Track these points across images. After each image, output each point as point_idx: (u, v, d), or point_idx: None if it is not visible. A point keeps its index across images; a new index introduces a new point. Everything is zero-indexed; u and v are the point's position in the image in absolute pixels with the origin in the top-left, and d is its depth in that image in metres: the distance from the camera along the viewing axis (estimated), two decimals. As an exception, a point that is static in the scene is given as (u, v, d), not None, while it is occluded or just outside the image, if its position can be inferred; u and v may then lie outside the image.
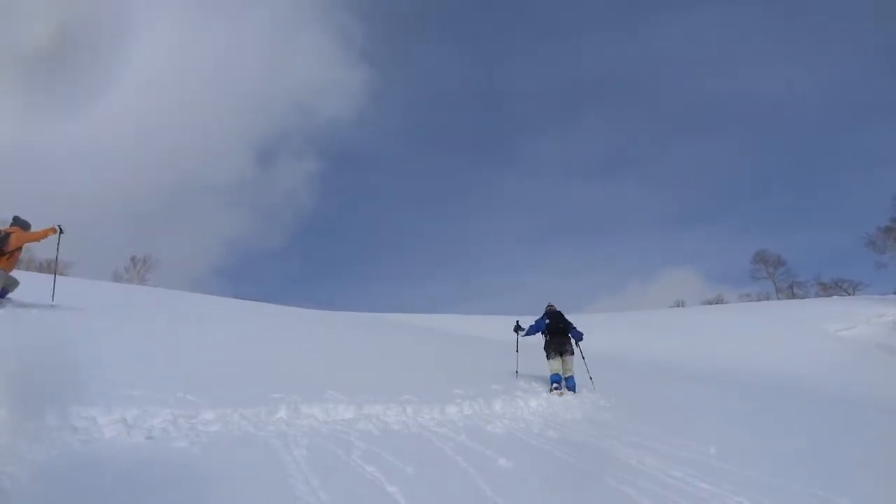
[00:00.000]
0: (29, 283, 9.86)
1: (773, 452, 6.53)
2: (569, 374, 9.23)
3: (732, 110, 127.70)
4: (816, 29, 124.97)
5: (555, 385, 8.99)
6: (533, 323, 10.02)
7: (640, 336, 28.95)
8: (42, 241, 9.37)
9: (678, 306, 64.39)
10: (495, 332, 25.94)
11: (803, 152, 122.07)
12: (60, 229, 9.49)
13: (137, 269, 59.34)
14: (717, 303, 66.17)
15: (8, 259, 8.88)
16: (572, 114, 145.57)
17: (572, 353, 9.50)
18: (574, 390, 9.05)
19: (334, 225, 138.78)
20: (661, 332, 30.15)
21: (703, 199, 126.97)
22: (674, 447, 6.00)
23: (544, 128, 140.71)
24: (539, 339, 10.09)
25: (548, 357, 9.55)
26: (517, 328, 10.50)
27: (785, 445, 7.20)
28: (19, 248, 9.04)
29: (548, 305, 10.20)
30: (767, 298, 64.54)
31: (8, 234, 8.90)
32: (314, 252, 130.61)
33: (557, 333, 9.59)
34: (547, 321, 9.80)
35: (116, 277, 56.02)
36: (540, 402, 7.92)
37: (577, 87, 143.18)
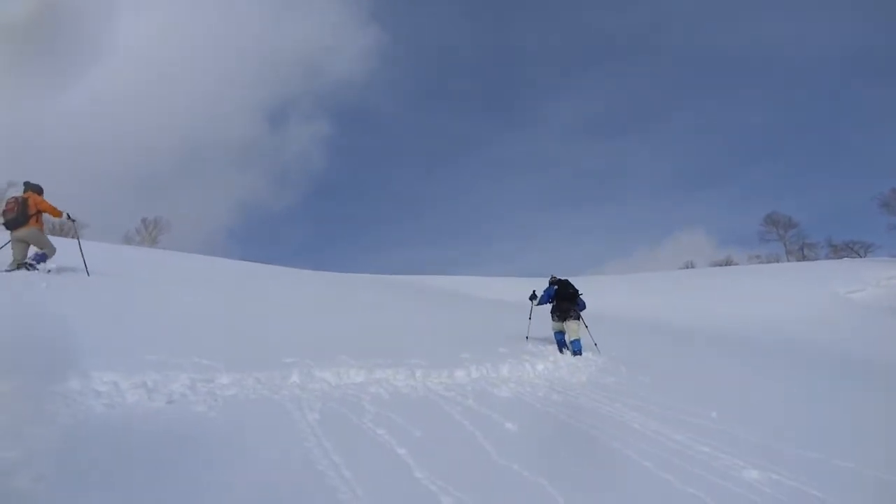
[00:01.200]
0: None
1: (772, 415, 6.69)
2: (574, 338, 9.52)
3: (743, 68, 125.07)
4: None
5: (559, 343, 9.74)
6: (542, 293, 10.42)
7: (647, 298, 29.10)
8: (53, 217, 9.59)
9: (687, 268, 64.33)
10: (510, 294, 26.15)
11: (815, 111, 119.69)
12: (70, 217, 9.71)
13: (149, 231, 59.83)
14: (726, 264, 66.04)
15: (35, 221, 9.25)
16: (581, 72, 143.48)
17: (577, 318, 9.77)
18: (580, 352, 9.34)
19: (346, 187, 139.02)
20: (668, 294, 30.27)
21: (714, 160, 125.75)
22: (677, 411, 6.15)
23: (554, 87, 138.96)
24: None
25: (552, 320, 10.00)
26: (532, 297, 10.92)
27: (787, 409, 7.36)
28: (40, 212, 9.35)
29: (551, 277, 10.55)
30: (777, 260, 64.35)
31: (26, 199, 9.24)
32: (326, 214, 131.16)
33: (565, 299, 9.90)
34: (556, 288, 10.13)
35: (128, 239, 56.48)
36: (546, 366, 8.09)
37: (586, 44, 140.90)
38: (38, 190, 9.53)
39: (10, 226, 9.15)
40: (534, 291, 11.09)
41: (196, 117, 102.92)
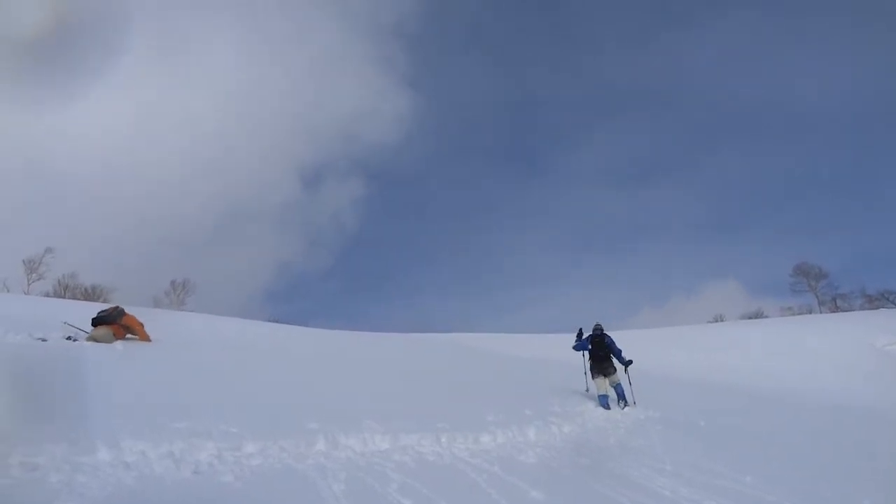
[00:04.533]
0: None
1: (810, 478, 6.42)
2: (616, 383, 10.21)
3: (769, 115, 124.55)
4: (854, 27, 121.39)
5: (604, 405, 9.90)
6: (579, 341, 10.90)
7: (678, 353, 28.43)
8: (138, 335, 10.62)
9: (717, 321, 62.82)
10: (536, 350, 25.82)
11: (844, 157, 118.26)
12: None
13: (177, 294, 60.89)
14: (757, 317, 64.33)
15: (119, 329, 10.24)
16: (605, 124, 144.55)
17: (615, 372, 10.34)
18: (624, 398, 10.08)
19: (378, 246, 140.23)
20: (698, 349, 29.54)
21: (743, 209, 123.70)
22: (709, 475, 5.95)
23: (578, 140, 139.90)
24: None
25: (593, 377, 10.45)
26: (578, 334, 11.09)
27: (827, 472, 7.06)
28: (129, 329, 10.46)
29: (595, 325, 10.89)
30: (809, 312, 62.50)
31: (123, 313, 10.49)
32: (357, 272, 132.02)
33: (600, 360, 10.39)
34: (590, 347, 10.60)
35: (157, 302, 57.54)
36: (573, 428, 7.94)
37: (608, 96, 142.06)
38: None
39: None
40: (580, 330, 11.18)
41: (232, 181, 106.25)
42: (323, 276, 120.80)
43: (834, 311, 58.11)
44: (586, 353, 10.80)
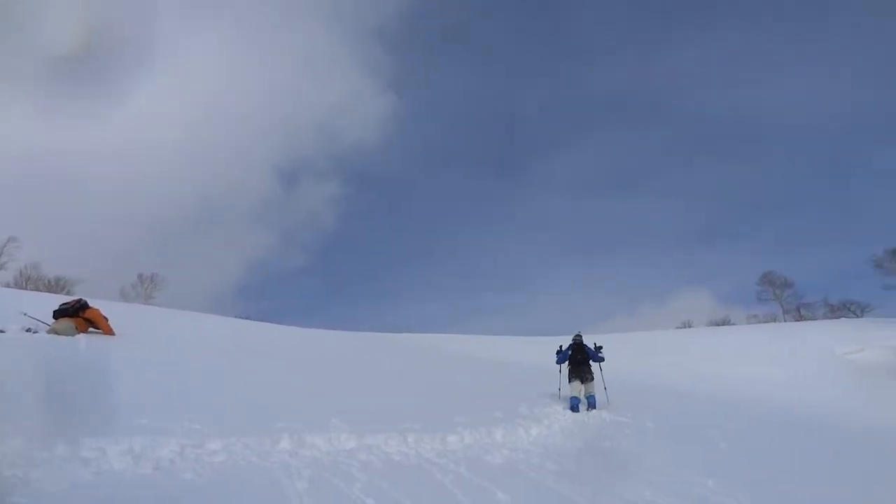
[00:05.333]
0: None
1: (773, 485, 6.55)
2: (590, 393, 10.50)
3: (742, 130, 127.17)
4: (828, 44, 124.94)
5: (573, 407, 10.18)
6: (560, 353, 11.28)
7: (647, 358, 28.81)
8: (102, 329, 10.43)
9: (685, 327, 63.95)
10: (508, 354, 25.93)
11: (811, 172, 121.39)
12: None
13: (145, 287, 59.71)
14: (723, 324, 65.63)
15: (82, 322, 10.08)
16: (584, 133, 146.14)
17: (592, 379, 10.69)
18: (595, 406, 10.29)
19: (355, 246, 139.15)
20: (666, 354, 29.99)
21: (716, 219, 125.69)
22: (672, 479, 6.03)
23: (556, 149, 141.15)
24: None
25: (569, 381, 10.78)
26: (558, 351, 11.44)
27: (787, 479, 7.21)
28: (91, 323, 10.28)
29: (576, 335, 11.33)
30: (774, 320, 63.99)
31: (87, 306, 10.29)
32: (333, 272, 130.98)
33: (578, 363, 10.76)
34: (569, 353, 11.01)
35: (124, 296, 56.37)
36: (541, 430, 7.99)
37: (588, 106, 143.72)
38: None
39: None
40: (560, 346, 11.58)
41: (206, 175, 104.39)
42: (298, 274, 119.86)
43: (798, 320, 59.59)
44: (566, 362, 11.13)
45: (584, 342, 11.14)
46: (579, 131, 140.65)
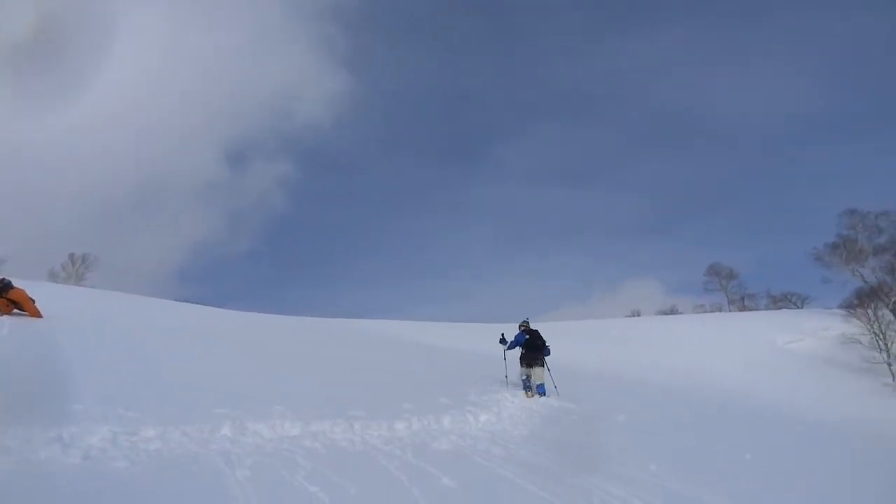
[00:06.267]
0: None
1: (710, 471, 6.83)
2: (539, 382, 10.75)
3: (692, 127, 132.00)
4: (768, 44, 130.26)
5: (527, 389, 10.69)
6: (513, 338, 11.44)
7: (595, 346, 29.53)
8: (27, 310, 10.12)
9: (634, 316, 65.80)
10: (459, 341, 26.09)
11: (757, 169, 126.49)
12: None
13: (76, 268, 57.33)
14: (671, 313, 67.85)
15: (6, 304, 9.86)
16: (539, 122, 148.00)
17: (542, 366, 10.99)
18: (545, 394, 10.63)
19: (306, 230, 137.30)
20: (614, 342, 30.81)
21: (664, 211, 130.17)
22: (615, 464, 6.22)
23: (513, 135, 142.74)
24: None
25: (521, 366, 11.08)
26: (502, 340, 12.07)
27: (727, 464, 7.53)
28: (16, 304, 10.00)
29: (524, 322, 11.67)
30: (720, 310, 66.55)
31: (11, 286, 9.98)
32: (282, 256, 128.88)
33: (534, 349, 10.98)
34: (527, 337, 11.15)
35: (53, 277, 54.01)
36: (489, 417, 8.08)
37: (544, 95, 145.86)
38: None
39: None
40: (502, 335, 12.15)
41: (149, 153, 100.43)
42: (245, 257, 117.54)
43: (742, 310, 62.20)
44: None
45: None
46: (533, 121, 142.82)
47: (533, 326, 11.51)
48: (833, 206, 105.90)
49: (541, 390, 10.64)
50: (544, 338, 11.23)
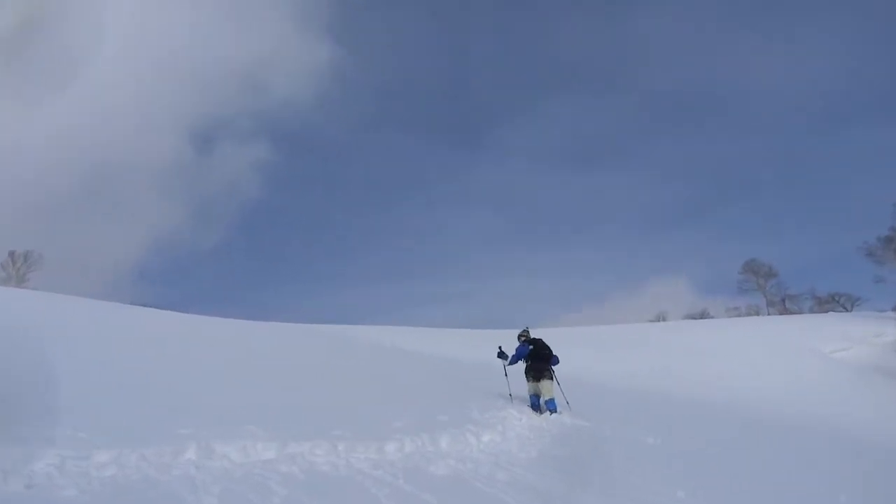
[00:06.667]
0: None
1: (747, 495, 6.87)
2: (549, 397, 10.72)
3: (724, 104, 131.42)
4: (817, 23, 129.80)
5: (534, 405, 10.76)
6: (514, 351, 11.41)
7: (614, 354, 29.53)
8: None
9: (659, 320, 65.82)
10: (458, 350, 26.10)
11: (800, 153, 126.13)
12: None
13: (17, 268, 57.34)
14: (701, 317, 67.90)
15: None
16: (549, 100, 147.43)
17: (551, 378, 10.98)
18: (556, 410, 10.56)
19: (285, 223, 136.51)
20: (636, 350, 30.79)
21: (695, 200, 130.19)
22: (640, 490, 6.25)
23: (520, 117, 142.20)
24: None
25: (527, 381, 11.14)
26: (500, 354, 12.02)
27: (758, 490, 7.57)
28: None
29: (524, 331, 11.73)
30: (757, 313, 66.51)
31: None
32: (257, 253, 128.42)
33: (540, 359, 11.05)
34: (530, 347, 11.20)
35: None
36: (493, 437, 8.12)
37: (554, 70, 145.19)
38: None
39: None
40: (500, 349, 12.10)
41: (101, 133, 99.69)
42: (215, 255, 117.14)
43: (782, 313, 62.19)
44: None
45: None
46: (543, 96, 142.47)
47: (534, 335, 11.58)
48: (887, 195, 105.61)
49: (551, 406, 10.64)
50: (550, 346, 11.28)
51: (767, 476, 8.36)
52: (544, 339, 11.42)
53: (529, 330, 11.76)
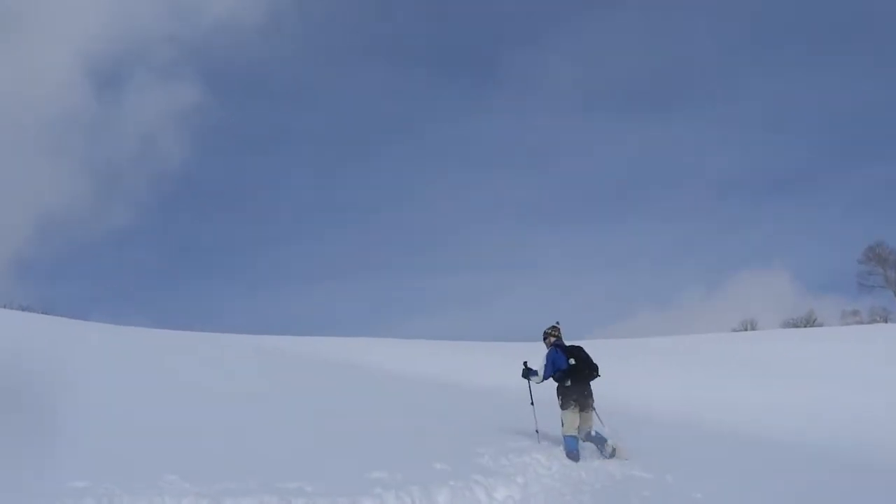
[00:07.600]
0: None
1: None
2: (590, 427, 10.48)
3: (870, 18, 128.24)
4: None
5: (571, 453, 10.03)
6: (547, 362, 10.74)
7: (682, 376, 29.42)
8: None
9: (746, 329, 65.32)
10: (459, 370, 26.17)
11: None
12: None
13: None
14: (806, 325, 66.84)
15: None
16: (585, 9, 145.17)
17: (594, 403, 10.59)
18: (606, 441, 10.44)
19: (217, 192, 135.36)
20: (713, 372, 30.68)
21: (797, 157, 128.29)
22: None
23: (544, 31, 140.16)
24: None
25: (563, 407, 10.44)
26: (527, 372, 11.29)
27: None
28: None
29: (553, 329, 11.12)
30: (886, 319, 65.55)
31: None
32: (180, 237, 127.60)
33: (584, 378, 10.57)
34: (572, 361, 10.49)
35: None
36: (511, 492, 8.10)
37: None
38: None
39: None
40: (525, 364, 11.39)
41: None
42: (122, 240, 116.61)
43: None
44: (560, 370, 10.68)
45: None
46: (577, 8, 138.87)
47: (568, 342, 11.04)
48: None
49: (597, 438, 10.43)
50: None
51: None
52: (584, 348, 10.89)
53: (560, 328, 11.17)
